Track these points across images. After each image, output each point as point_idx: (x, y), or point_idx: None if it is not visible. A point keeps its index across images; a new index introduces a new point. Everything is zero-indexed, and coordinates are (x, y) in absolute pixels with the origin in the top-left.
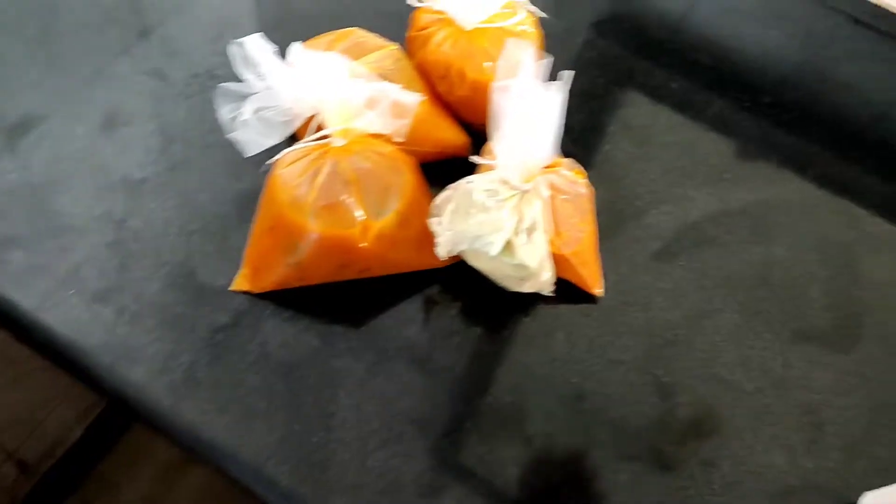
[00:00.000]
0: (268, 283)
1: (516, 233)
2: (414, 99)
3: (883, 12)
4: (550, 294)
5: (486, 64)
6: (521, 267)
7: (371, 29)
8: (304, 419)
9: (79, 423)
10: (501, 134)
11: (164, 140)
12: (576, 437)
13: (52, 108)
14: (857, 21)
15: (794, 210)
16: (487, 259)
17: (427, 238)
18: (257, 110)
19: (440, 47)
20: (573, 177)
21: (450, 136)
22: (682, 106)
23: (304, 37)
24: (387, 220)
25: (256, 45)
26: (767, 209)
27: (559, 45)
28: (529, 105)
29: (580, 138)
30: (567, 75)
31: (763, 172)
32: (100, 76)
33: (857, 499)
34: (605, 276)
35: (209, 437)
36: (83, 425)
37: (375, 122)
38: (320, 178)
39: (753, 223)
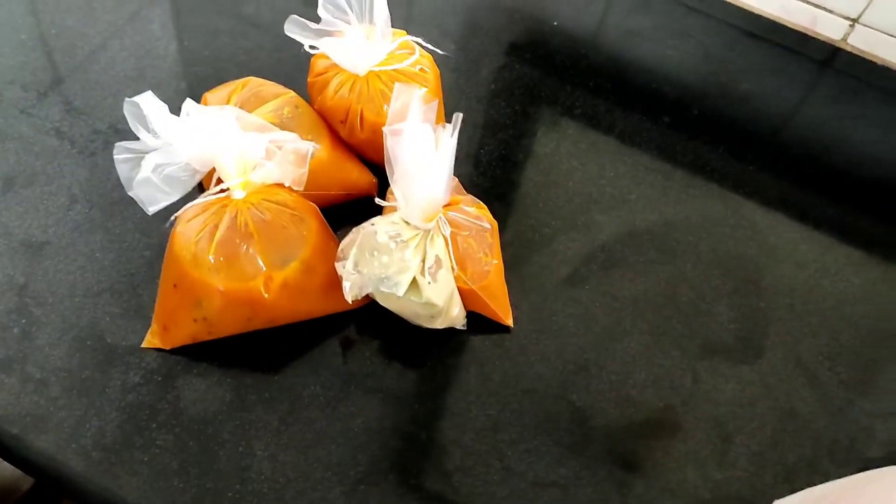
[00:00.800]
0: (178, 338)
1: (422, 272)
2: (309, 147)
3: (777, 26)
4: (463, 328)
5: (385, 107)
6: (429, 305)
7: (276, 73)
8: (218, 474)
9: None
10: (398, 176)
11: (68, 200)
12: (493, 468)
13: None
14: (752, 35)
15: (698, 227)
16: (396, 299)
17: (335, 283)
18: (156, 167)
19: (338, 92)
20: (475, 212)
21: (356, 177)
22: (586, 131)
23: (207, 86)
24: (290, 268)
25: (149, 103)
26: (672, 228)
27: (464, 79)
28: (421, 147)
29: (488, 170)
30: (457, 117)
31: (666, 191)
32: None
33: None
34: (517, 304)
35: (124, 501)
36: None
37: (274, 172)
38: (219, 233)
39: (659, 243)
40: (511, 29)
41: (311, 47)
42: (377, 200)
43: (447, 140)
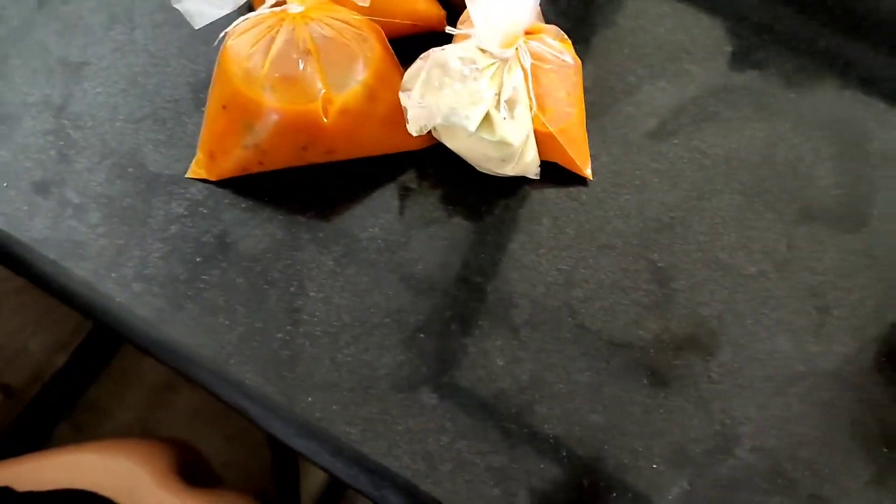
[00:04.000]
0: (225, 168)
1: (496, 106)
2: None
3: None
4: (535, 177)
5: None
6: (503, 144)
7: None
8: (268, 315)
9: (63, 348)
10: None
11: (108, 19)
12: (565, 325)
13: None
14: None
15: (800, 85)
16: (465, 137)
17: (398, 115)
18: None
19: None
20: (559, 46)
21: (422, 6)
22: None
23: None
24: (351, 92)
25: None
26: (771, 84)
27: None
28: None
29: (567, 9)
30: None
31: (766, 46)
32: None
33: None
34: (595, 156)
35: (165, 337)
36: (68, 350)
37: None
38: (275, 47)
39: (756, 99)
40: None
41: None
42: (448, 29)
43: None
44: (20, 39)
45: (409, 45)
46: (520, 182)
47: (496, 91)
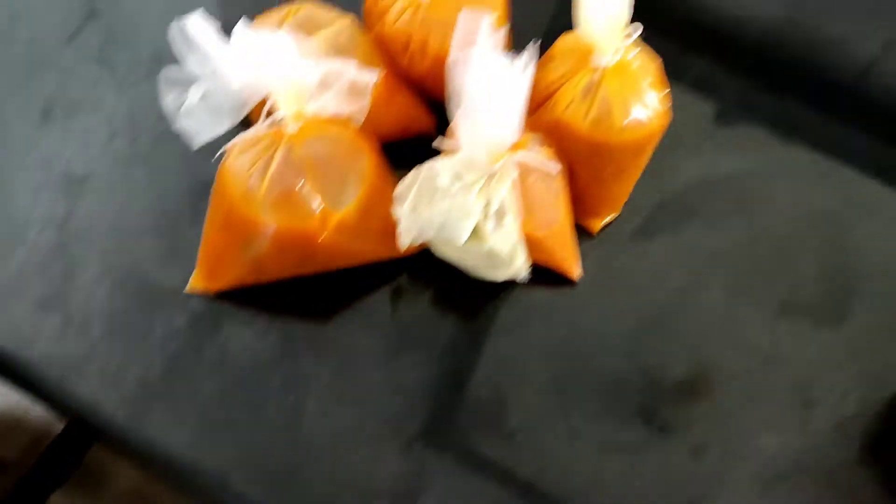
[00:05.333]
0: (224, 281)
1: (485, 218)
2: (371, 77)
3: None
4: (525, 280)
5: (451, 36)
6: (493, 254)
7: (326, 1)
8: (268, 427)
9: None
10: (463, 112)
11: (109, 132)
12: (558, 428)
13: None
14: None
15: (780, 177)
16: (455, 247)
17: (392, 227)
18: (204, 96)
19: (399, 18)
20: (543, 155)
21: (414, 114)
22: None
23: (256, 12)
24: (347, 209)
25: (198, 26)
26: (751, 177)
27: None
28: (490, 79)
29: None
30: (533, 46)
31: (745, 140)
32: (39, 66)
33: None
34: (583, 256)
35: (167, 452)
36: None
37: (331, 104)
38: (273, 168)
39: (737, 194)
40: None
41: None
42: (436, 142)
43: (521, 72)
44: (24, 154)
45: (404, 147)
46: (510, 284)
47: (485, 203)
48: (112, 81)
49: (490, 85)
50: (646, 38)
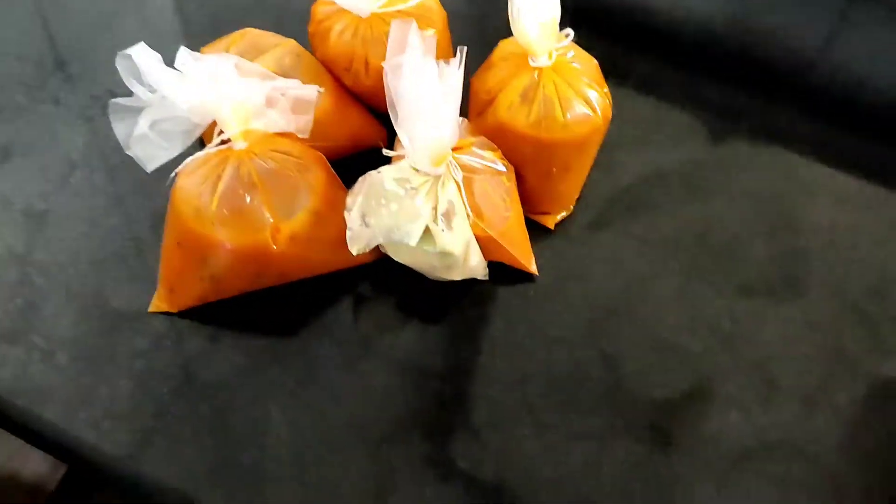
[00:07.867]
0: (185, 300)
1: (434, 220)
2: (313, 91)
3: None
4: (484, 278)
5: None
6: (445, 255)
7: (276, 28)
8: (234, 441)
9: (57, 468)
10: (401, 116)
11: (67, 167)
12: (523, 422)
13: None
14: None
15: (727, 166)
16: (409, 251)
17: (346, 235)
18: (154, 122)
19: (341, 38)
20: (490, 156)
21: (363, 127)
22: (605, 71)
23: (204, 43)
24: (298, 219)
25: (142, 55)
26: (700, 167)
27: (473, 20)
28: (424, 82)
29: None
30: (463, 50)
31: (692, 132)
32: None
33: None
34: (540, 252)
35: (137, 472)
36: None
37: (277, 121)
38: (222, 185)
39: (688, 183)
40: None
41: None
42: (385, 151)
43: (453, 74)
44: None
45: (356, 162)
46: (470, 284)
47: (433, 206)
48: (69, 118)
49: (422, 88)
50: (590, 42)
